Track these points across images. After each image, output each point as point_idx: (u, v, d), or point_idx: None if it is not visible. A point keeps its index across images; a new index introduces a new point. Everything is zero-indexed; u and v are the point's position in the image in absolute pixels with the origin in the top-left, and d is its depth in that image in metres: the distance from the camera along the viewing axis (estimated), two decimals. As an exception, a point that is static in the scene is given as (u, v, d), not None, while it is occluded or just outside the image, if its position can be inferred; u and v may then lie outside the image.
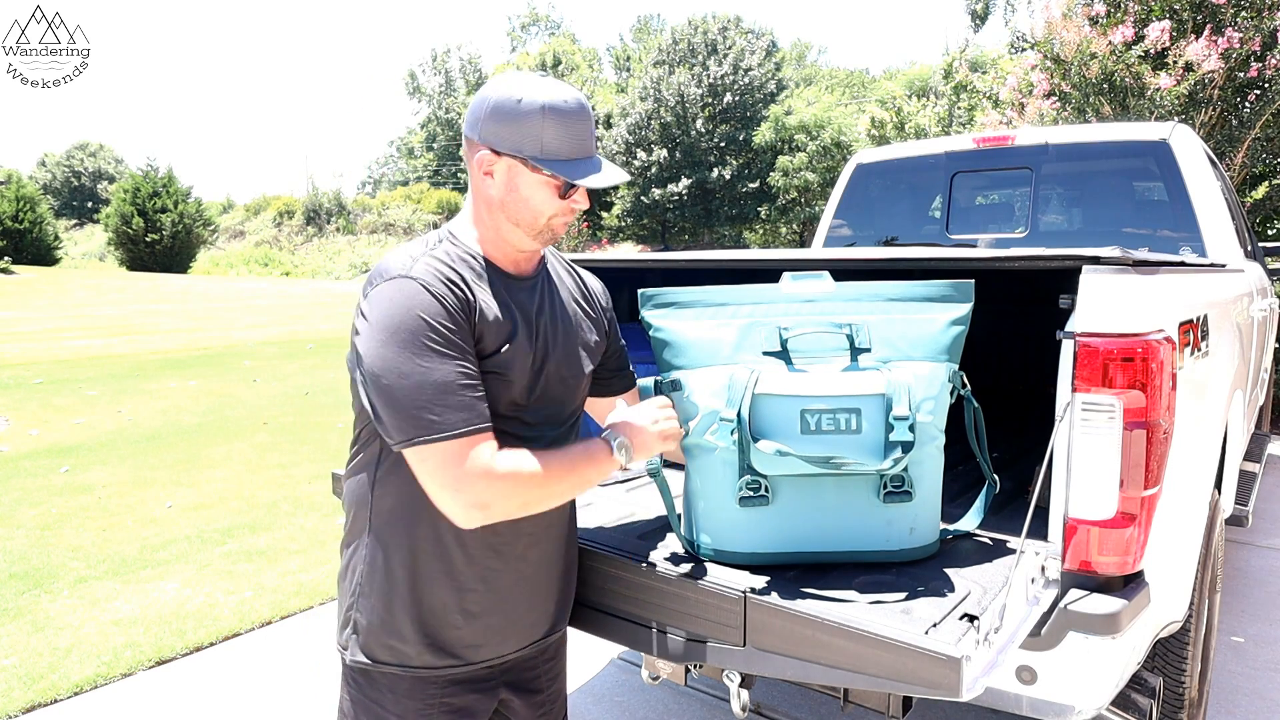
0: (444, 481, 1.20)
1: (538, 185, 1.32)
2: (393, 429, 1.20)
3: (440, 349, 1.21)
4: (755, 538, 1.55)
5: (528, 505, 1.27)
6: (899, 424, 1.44)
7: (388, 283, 1.24)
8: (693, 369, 1.59)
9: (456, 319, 1.24)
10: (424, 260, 1.28)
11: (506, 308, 1.34)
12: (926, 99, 14.45)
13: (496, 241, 1.37)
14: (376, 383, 1.20)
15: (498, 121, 1.29)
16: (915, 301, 1.58)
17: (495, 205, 1.34)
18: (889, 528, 1.53)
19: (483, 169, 1.32)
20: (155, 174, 36.27)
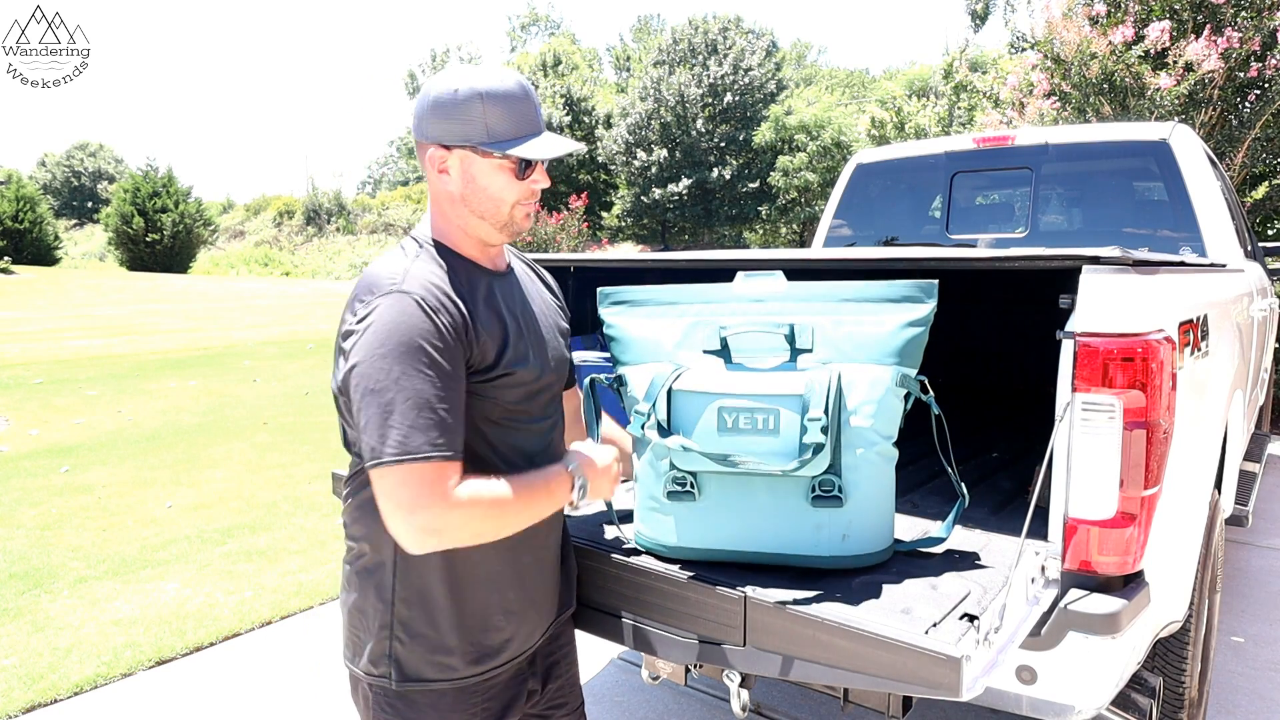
0: (399, 502, 1.16)
1: (493, 171, 1.32)
2: (364, 446, 1.18)
3: (424, 370, 1.19)
4: (684, 533, 1.56)
5: (480, 535, 1.25)
6: (812, 425, 1.42)
7: (382, 298, 1.22)
8: (634, 365, 1.65)
9: (447, 338, 1.22)
10: (414, 272, 1.26)
11: (498, 309, 1.35)
12: (926, 99, 14.45)
13: (467, 238, 1.37)
14: (359, 398, 1.18)
15: (440, 117, 1.30)
16: (870, 302, 1.54)
17: (457, 200, 1.33)
18: (818, 533, 1.50)
19: (437, 167, 1.32)
20: (155, 174, 36.25)
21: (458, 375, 1.24)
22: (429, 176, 1.35)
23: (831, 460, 1.47)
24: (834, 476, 1.47)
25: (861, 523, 1.52)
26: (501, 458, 1.35)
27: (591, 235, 30.51)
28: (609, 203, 37.37)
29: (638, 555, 1.62)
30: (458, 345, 1.24)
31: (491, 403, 1.32)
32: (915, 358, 1.54)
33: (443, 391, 1.20)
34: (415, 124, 1.34)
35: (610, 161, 35.37)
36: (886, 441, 1.52)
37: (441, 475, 1.17)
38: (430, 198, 1.38)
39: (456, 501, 1.18)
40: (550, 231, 21.04)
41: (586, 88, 39.97)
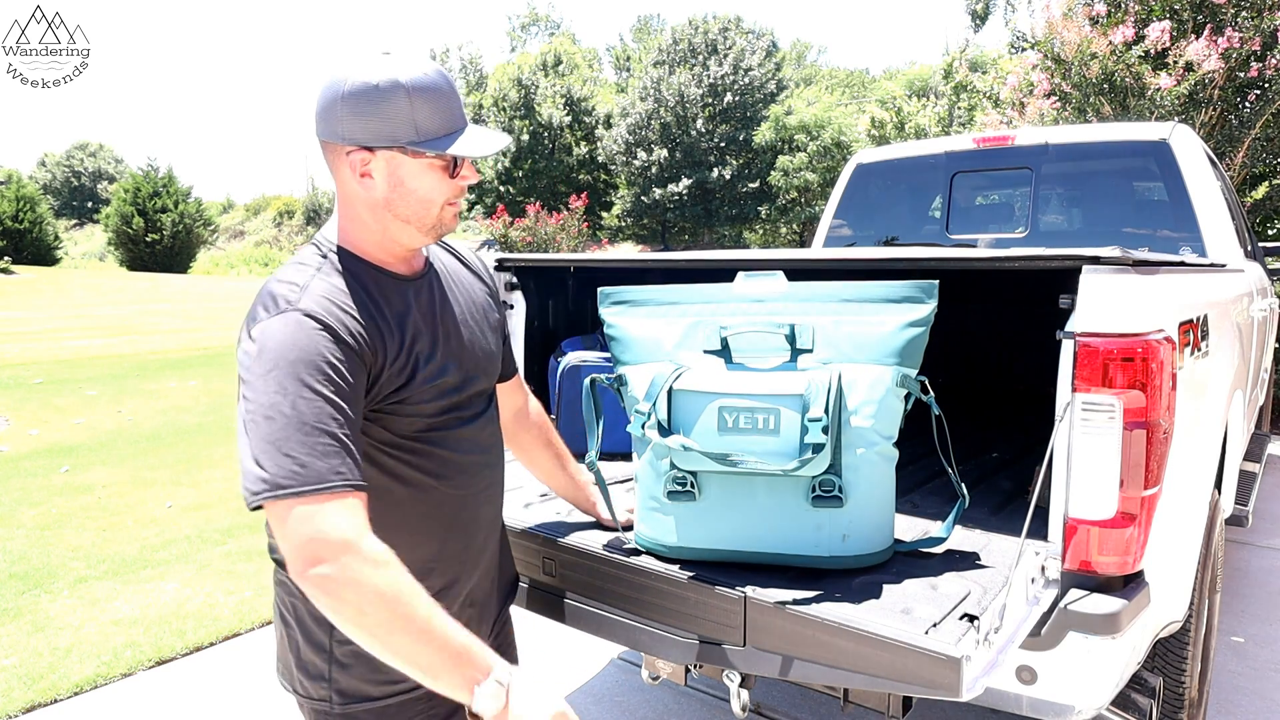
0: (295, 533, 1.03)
1: (423, 171, 1.20)
2: (253, 476, 1.04)
3: (323, 393, 1.07)
4: (684, 533, 1.56)
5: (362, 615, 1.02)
6: (813, 425, 1.42)
7: (276, 317, 1.10)
8: (635, 365, 1.65)
9: (350, 357, 1.12)
10: (314, 288, 1.15)
11: (413, 320, 1.24)
12: (926, 99, 14.45)
13: (384, 244, 1.25)
14: (245, 422, 1.06)
15: (360, 115, 1.15)
16: (870, 303, 1.54)
17: (380, 206, 1.21)
18: (819, 533, 1.50)
19: (358, 171, 1.19)
20: (155, 174, 36.27)
21: (356, 398, 1.12)
22: (343, 181, 1.21)
23: (832, 460, 1.47)
24: (834, 476, 1.47)
25: (862, 523, 1.52)
26: (429, 471, 1.27)
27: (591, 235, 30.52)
28: (609, 203, 37.36)
29: (638, 555, 1.62)
30: (359, 367, 1.13)
31: (411, 419, 1.23)
32: (915, 358, 1.54)
33: (338, 415, 1.08)
34: (324, 123, 1.18)
35: (610, 161, 35.38)
36: (887, 441, 1.52)
37: (346, 505, 1.05)
38: (341, 202, 1.24)
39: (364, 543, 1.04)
40: (550, 231, 21.03)
41: (586, 88, 39.97)
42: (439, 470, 1.28)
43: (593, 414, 1.68)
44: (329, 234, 1.26)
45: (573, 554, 1.69)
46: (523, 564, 1.79)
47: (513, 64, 41.41)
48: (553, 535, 1.74)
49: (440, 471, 1.28)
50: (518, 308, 2.62)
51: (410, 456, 1.25)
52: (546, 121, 37.68)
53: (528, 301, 2.63)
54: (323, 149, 1.22)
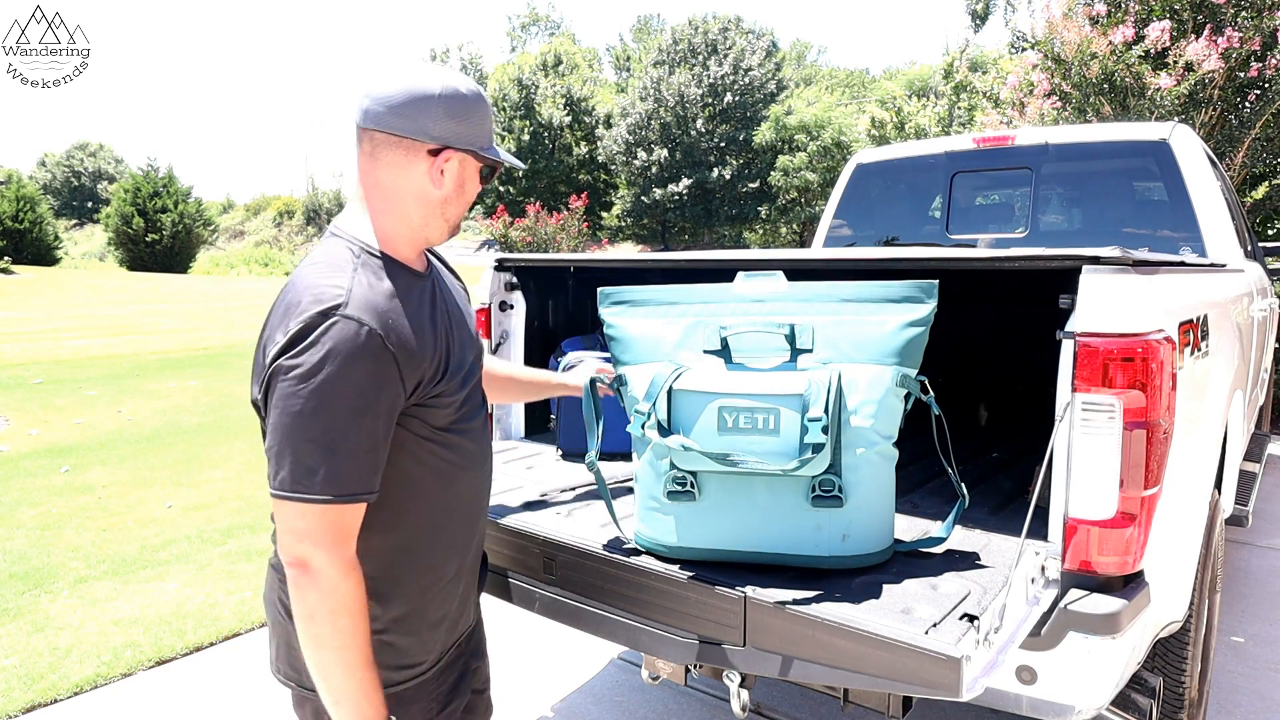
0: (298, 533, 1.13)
1: (474, 176, 1.33)
2: (271, 470, 1.13)
3: (356, 402, 1.13)
4: (684, 533, 1.56)
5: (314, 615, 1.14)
6: (813, 425, 1.42)
7: (327, 322, 1.13)
8: (635, 365, 1.65)
9: (393, 364, 1.17)
10: (358, 291, 1.17)
11: (435, 318, 1.30)
12: (926, 99, 14.44)
13: (413, 240, 1.30)
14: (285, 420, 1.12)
15: (455, 117, 1.25)
16: (870, 303, 1.54)
17: (436, 204, 1.28)
18: (819, 533, 1.50)
19: (438, 168, 1.26)
20: (155, 174, 36.25)
21: (394, 410, 1.19)
22: (404, 175, 1.26)
23: (832, 460, 1.47)
24: (834, 476, 1.47)
25: (861, 523, 1.52)
26: (455, 462, 1.33)
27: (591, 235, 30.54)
28: (609, 203, 37.37)
29: (638, 555, 1.62)
30: (399, 378, 1.18)
31: (445, 411, 1.29)
32: (915, 358, 1.54)
33: (374, 431, 1.15)
34: (406, 120, 1.23)
35: (610, 161, 35.38)
36: (887, 441, 1.52)
37: (346, 517, 1.15)
38: (388, 196, 1.27)
39: (350, 570, 1.15)
40: (550, 231, 21.04)
41: (586, 88, 39.97)
42: (462, 461, 1.34)
43: (593, 414, 1.68)
44: (354, 230, 1.28)
45: (573, 554, 1.69)
46: (523, 564, 1.79)
47: (513, 64, 41.41)
48: (553, 535, 1.74)
49: (463, 462, 1.35)
50: (518, 308, 2.62)
51: (441, 449, 1.30)
52: (546, 121, 37.68)
53: (528, 301, 2.63)
54: (385, 143, 1.25)
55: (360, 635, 1.16)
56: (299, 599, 1.15)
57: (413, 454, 1.27)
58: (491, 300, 2.59)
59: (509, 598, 1.83)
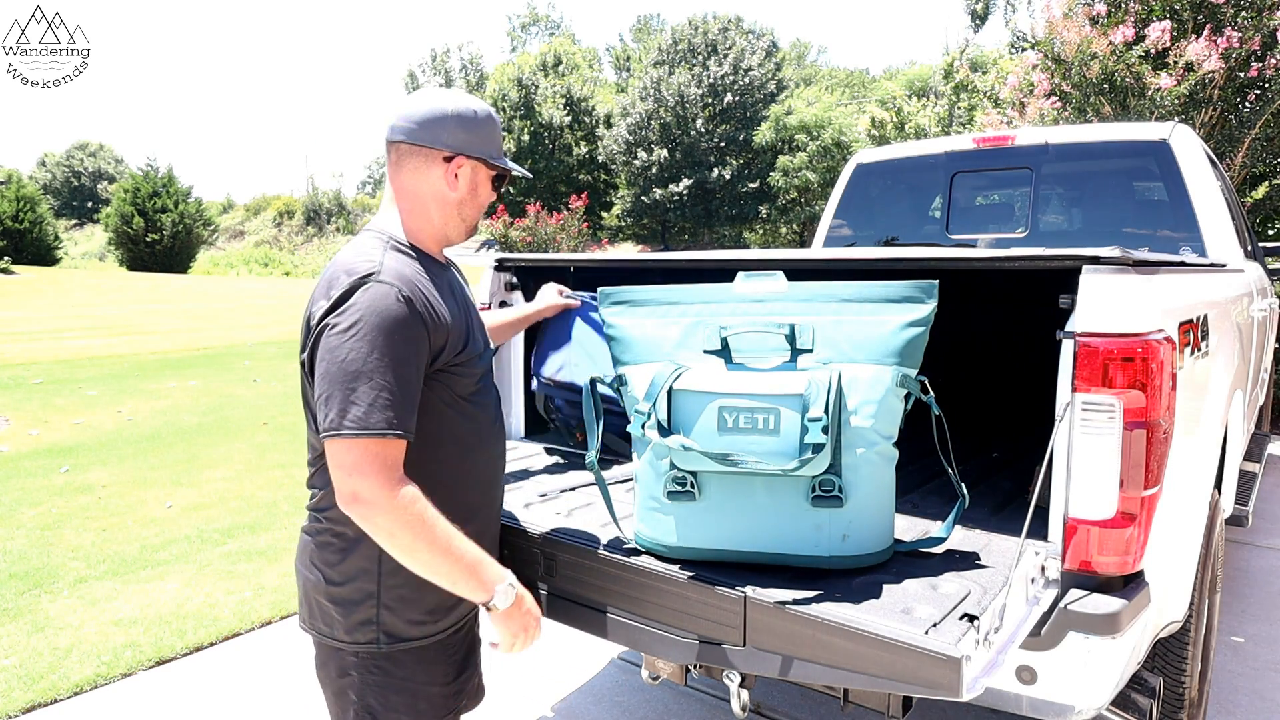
0: (348, 468, 1.28)
1: (486, 182, 1.55)
2: (325, 415, 1.29)
3: (395, 355, 1.31)
4: (684, 533, 1.56)
5: (394, 537, 1.31)
6: (813, 425, 1.42)
7: (362, 285, 1.34)
8: (635, 365, 1.65)
9: (420, 328, 1.36)
10: (389, 264, 1.39)
11: (456, 299, 1.50)
12: (926, 99, 14.44)
13: (436, 237, 1.53)
14: (330, 371, 1.29)
15: (467, 130, 1.48)
16: (870, 303, 1.55)
17: (451, 205, 1.51)
18: (818, 533, 1.50)
19: (451, 173, 1.49)
20: (155, 174, 36.26)
21: (421, 364, 1.37)
22: (425, 180, 1.49)
23: (832, 460, 1.47)
24: (834, 476, 1.47)
25: (861, 523, 1.52)
26: (474, 433, 1.51)
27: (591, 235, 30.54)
28: (609, 203, 37.38)
29: (638, 555, 1.62)
30: (426, 336, 1.37)
31: (466, 380, 1.48)
32: (915, 358, 1.54)
33: (407, 377, 1.33)
34: (426, 131, 1.47)
35: (610, 161, 35.39)
36: (887, 441, 1.52)
37: (389, 450, 1.30)
38: (412, 198, 1.50)
39: (398, 486, 1.30)
40: (550, 231, 21.04)
41: (586, 88, 39.98)
42: (480, 432, 1.53)
43: (593, 415, 1.68)
44: (384, 226, 1.50)
45: (573, 554, 1.69)
46: (524, 564, 1.79)
47: (513, 64, 41.42)
48: (553, 535, 1.74)
49: (480, 433, 1.53)
50: (518, 307, 2.62)
51: (461, 418, 1.48)
52: (546, 121, 37.68)
53: (527, 301, 2.63)
54: (408, 152, 1.48)
55: (439, 524, 1.32)
56: (373, 529, 1.30)
57: (437, 418, 1.43)
58: (491, 300, 2.59)
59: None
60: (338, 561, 1.43)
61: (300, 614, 1.53)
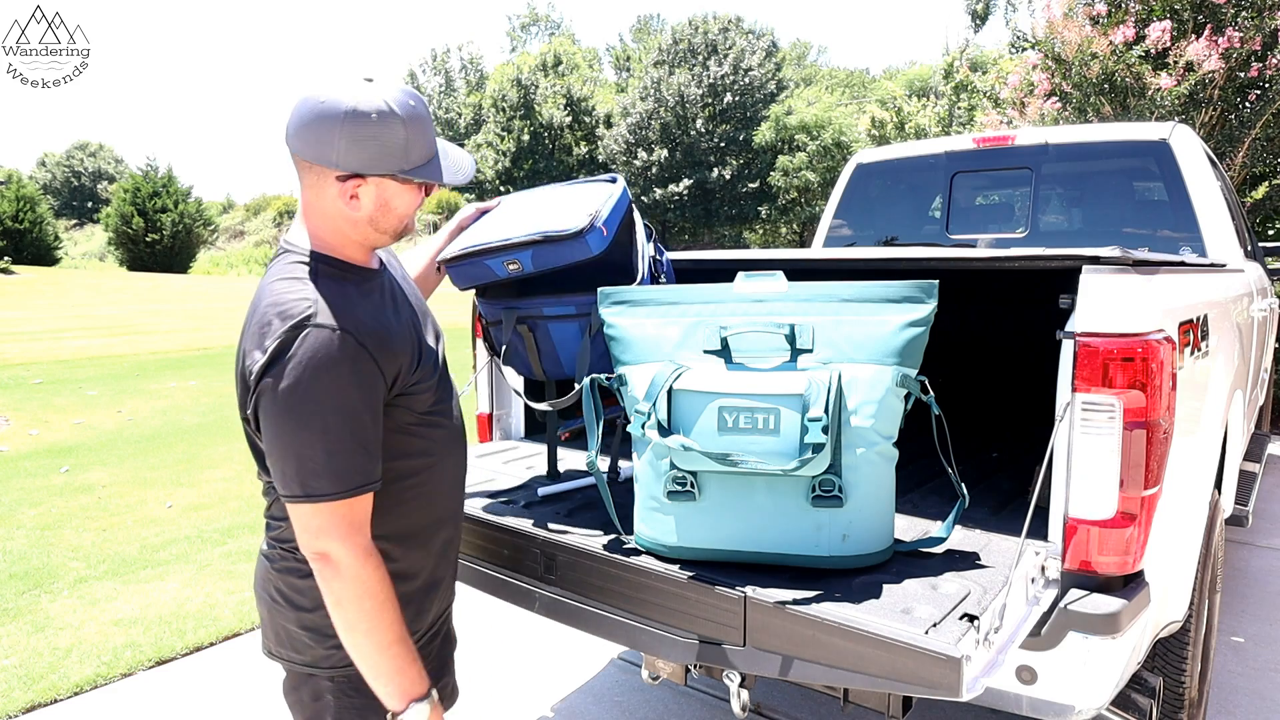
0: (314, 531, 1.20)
1: (405, 192, 1.30)
2: (280, 476, 1.19)
3: (347, 403, 1.19)
4: (684, 533, 1.56)
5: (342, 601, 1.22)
6: (813, 425, 1.42)
7: (299, 334, 1.17)
8: (635, 365, 1.65)
9: (372, 362, 1.22)
10: (322, 299, 1.21)
11: (398, 311, 1.36)
12: (927, 99, 14.45)
13: (360, 245, 1.33)
14: (281, 430, 1.17)
15: (359, 145, 1.21)
16: (870, 303, 1.54)
17: (363, 222, 1.29)
18: (819, 533, 1.50)
19: (348, 195, 1.25)
20: (155, 174, 36.24)
21: (378, 403, 1.25)
22: (324, 198, 1.26)
23: (832, 460, 1.47)
24: (834, 476, 1.47)
25: (861, 523, 1.52)
26: (439, 440, 1.41)
27: (591, 235, 30.41)
28: (609, 203, 37.15)
29: (638, 555, 1.62)
30: (378, 371, 1.24)
31: (425, 395, 1.36)
32: (915, 358, 1.54)
33: (363, 424, 1.22)
34: (312, 146, 1.22)
35: (610, 161, 35.36)
36: (887, 441, 1.52)
37: (355, 510, 1.22)
38: (317, 214, 1.29)
39: (368, 557, 1.22)
40: (550, 231, 20.96)
41: (586, 88, 39.97)
42: (444, 440, 1.42)
43: (593, 416, 1.68)
44: (302, 242, 1.31)
45: (573, 554, 1.69)
46: (523, 564, 1.79)
47: (512, 64, 41.41)
48: (553, 535, 1.74)
49: (445, 441, 1.43)
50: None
51: (427, 431, 1.38)
52: (546, 121, 37.67)
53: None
54: (302, 165, 1.26)
55: (387, 614, 1.24)
56: (326, 590, 1.23)
57: (401, 442, 1.33)
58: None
59: (509, 598, 1.83)
60: (308, 589, 1.33)
61: (265, 641, 1.42)
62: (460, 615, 3.33)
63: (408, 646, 1.27)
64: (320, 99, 1.21)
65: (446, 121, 53.11)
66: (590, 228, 1.71)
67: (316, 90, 1.23)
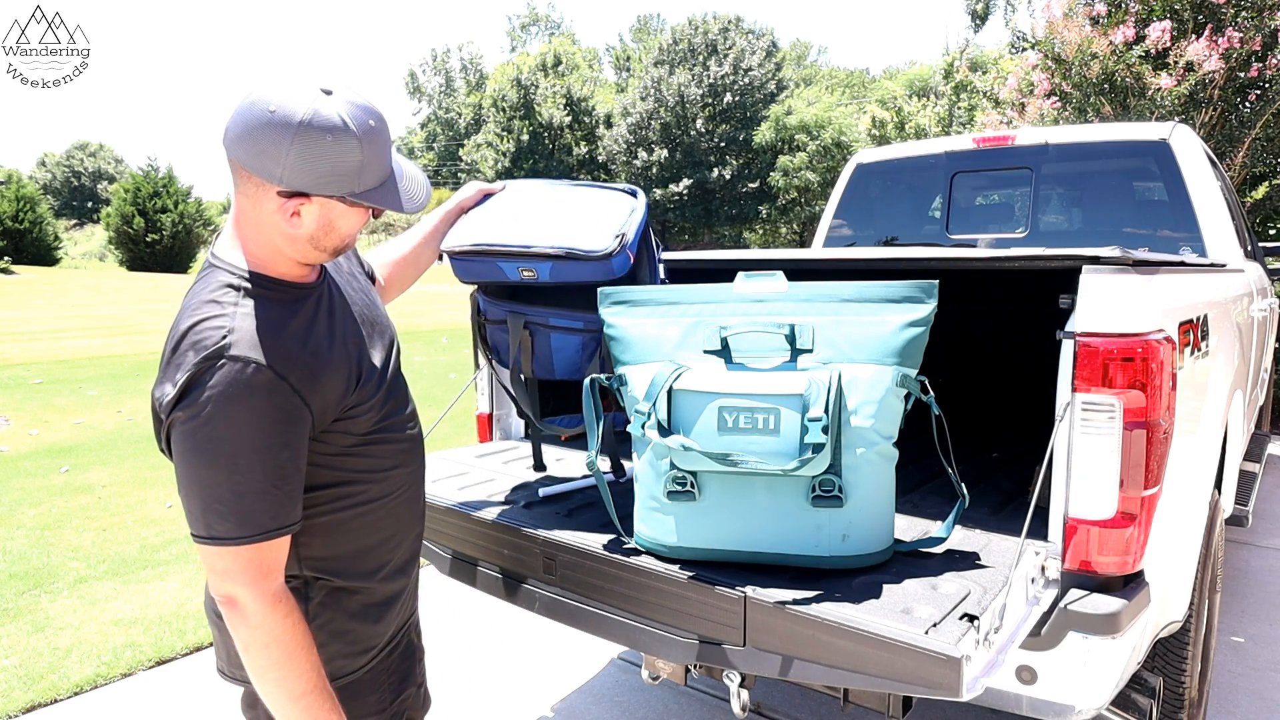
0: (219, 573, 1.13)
1: (351, 213, 1.20)
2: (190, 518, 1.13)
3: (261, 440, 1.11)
4: (684, 533, 1.56)
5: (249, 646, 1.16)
6: (813, 425, 1.42)
7: (213, 367, 1.10)
8: (635, 365, 1.65)
9: (292, 394, 1.14)
10: (242, 327, 1.13)
11: (333, 332, 1.25)
12: (927, 99, 14.45)
13: (296, 261, 1.23)
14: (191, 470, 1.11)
15: (309, 164, 1.11)
16: (870, 303, 1.54)
17: (302, 240, 1.18)
18: (818, 533, 1.50)
19: (288, 213, 1.15)
20: (155, 174, 36.29)
21: (301, 437, 1.16)
22: (261, 211, 1.16)
23: (832, 460, 1.47)
24: (834, 477, 1.47)
25: (861, 523, 1.51)
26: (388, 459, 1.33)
27: (591, 235, 30.42)
28: (609, 203, 37.20)
29: (638, 555, 1.62)
30: (302, 405, 1.15)
31: (366, 416, 1.27)
32: (915, 358, 1.54)
33: (281, 464, 1.14)
34: (257, 158, 1.11)
35: (610, 161, 35.38)
36: (887, 442, 1.52)
37: (264, 555, 1.14)
38: (255, 226, 1.18)
39: (277, 604, 1.15)
40: (550, 231, 20.96)
41: (586, 88, 39.98)
42: (395, 456, 1.35)
43: (593, 417, 1.68)
44: (230, 257, 1.21)
45: (573, 554, 1.69)
46: (523, 564, 1.79)
47: (512, 64, 41.42)
48: (553, 535, 1.74)
49: (396, 457, 1.35)
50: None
51: (372, 449, 1.30)
52: (546, 121, 37.68)
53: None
54: (241, 174, 1.15)
55: (298, 663, 1.17)
56: (234, 634, 1.16)
57: (339, 465, 1.26)
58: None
59: (509, 598, 1.83)
60: None
61: (219, 661, 1.38)
62: (460, 615, 3.32)
63: (324, 696, 1.19)
64: (270, 106, 1.09)
65: (446, 121, 53.12)
66: (619, 251, 1.67)
67: (267, 94, 1.11)
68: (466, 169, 42.03)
